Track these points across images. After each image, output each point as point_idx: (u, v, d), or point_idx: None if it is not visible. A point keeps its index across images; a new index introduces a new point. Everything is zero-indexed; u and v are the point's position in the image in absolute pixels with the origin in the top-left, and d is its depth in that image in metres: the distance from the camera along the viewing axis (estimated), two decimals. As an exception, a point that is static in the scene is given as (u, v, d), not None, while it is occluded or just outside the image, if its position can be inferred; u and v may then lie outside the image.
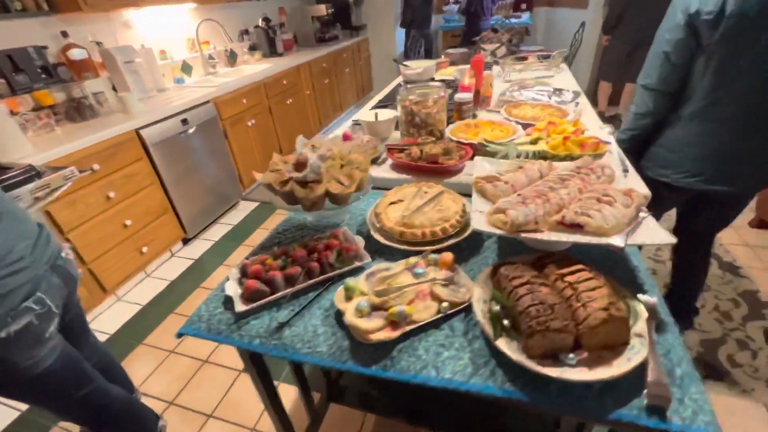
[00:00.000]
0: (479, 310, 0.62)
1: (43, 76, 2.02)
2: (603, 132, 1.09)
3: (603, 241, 0.64)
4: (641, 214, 0.71)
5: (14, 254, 0.77)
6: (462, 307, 0.67)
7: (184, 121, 2.20)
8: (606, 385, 0.53)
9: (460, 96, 1.37)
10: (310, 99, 3.59)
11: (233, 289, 0.74)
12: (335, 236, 0.85)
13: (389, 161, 1.19)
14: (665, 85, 1.10)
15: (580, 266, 0.63)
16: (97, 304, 1.89)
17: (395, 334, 0.61)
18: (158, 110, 2.11)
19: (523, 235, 0.69)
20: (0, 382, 0.83)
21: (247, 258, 0.82)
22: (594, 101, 3.45)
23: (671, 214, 1.42)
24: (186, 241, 2.44)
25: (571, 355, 0.54)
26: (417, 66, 1.98)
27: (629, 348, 0.55)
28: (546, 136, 1.11)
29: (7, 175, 1.30)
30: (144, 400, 1.41)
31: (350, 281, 0.69)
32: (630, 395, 0.52)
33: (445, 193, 0.92)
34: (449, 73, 2.17)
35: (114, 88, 2.32)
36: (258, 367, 0.83)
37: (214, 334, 0.69)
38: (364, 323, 0.62)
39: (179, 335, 0.71)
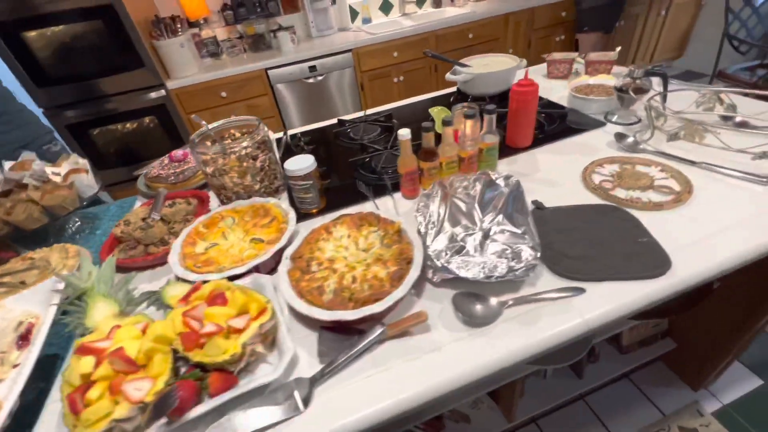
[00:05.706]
0: None
1: (258, 9, 2.64)
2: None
3: None
4: None
5: None
6: None
7: (312, 68, 2.37)
8: None
9: (291, 165, 0.82)
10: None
11: None
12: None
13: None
14: None
15: None
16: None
17: None
18: (304, 52, 2.35)
19: None
20: None
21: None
22: None
23: None
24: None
25: None
26: (478, 65, 1.22)
27: None
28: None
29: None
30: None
31: None
32: None
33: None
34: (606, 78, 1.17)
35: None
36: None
37: None
38: None
39: None
